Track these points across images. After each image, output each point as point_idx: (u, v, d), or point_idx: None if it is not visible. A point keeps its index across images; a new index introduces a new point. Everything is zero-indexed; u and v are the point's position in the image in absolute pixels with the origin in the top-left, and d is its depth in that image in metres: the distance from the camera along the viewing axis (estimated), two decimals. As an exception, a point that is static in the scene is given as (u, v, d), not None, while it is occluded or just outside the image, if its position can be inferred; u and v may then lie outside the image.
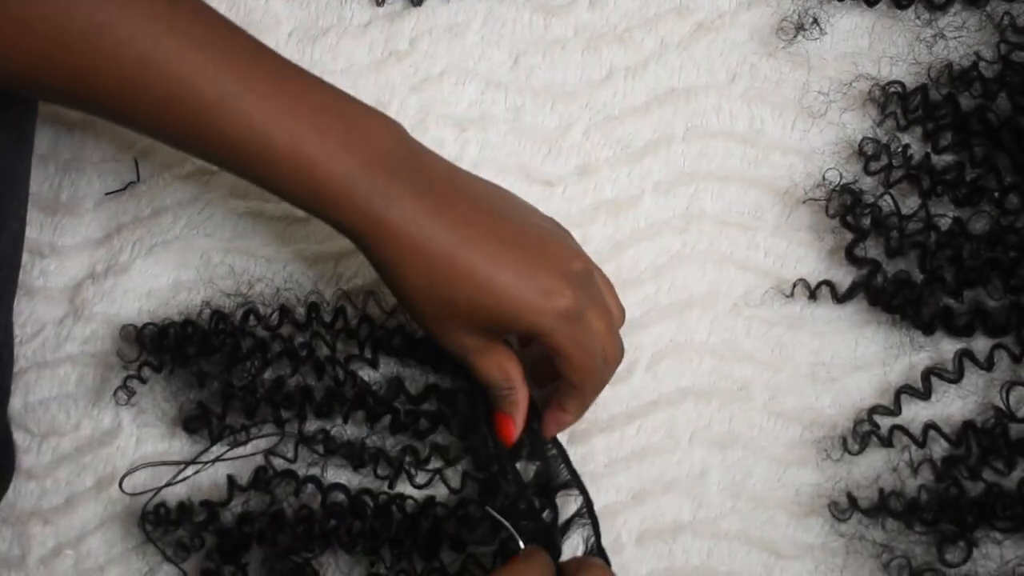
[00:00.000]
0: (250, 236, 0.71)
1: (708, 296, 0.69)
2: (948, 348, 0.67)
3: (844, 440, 0.67)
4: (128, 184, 0.71)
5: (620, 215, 0.70)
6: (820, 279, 0.68)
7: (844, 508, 0.67)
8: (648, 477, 0.68)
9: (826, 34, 0.70)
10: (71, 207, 0.71)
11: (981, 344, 0.67)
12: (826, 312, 0.69)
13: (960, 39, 0.69)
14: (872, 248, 0.68)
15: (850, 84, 0.70)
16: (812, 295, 0.68)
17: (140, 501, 0.68)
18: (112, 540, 0.69)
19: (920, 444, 0.66)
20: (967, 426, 0.66)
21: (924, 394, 0.67)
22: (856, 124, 0.70)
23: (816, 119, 0.70)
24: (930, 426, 0.66)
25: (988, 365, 0.66)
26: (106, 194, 0.71)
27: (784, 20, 0.71)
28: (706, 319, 0.69)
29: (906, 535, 0.66)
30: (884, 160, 0.68)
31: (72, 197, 0.71)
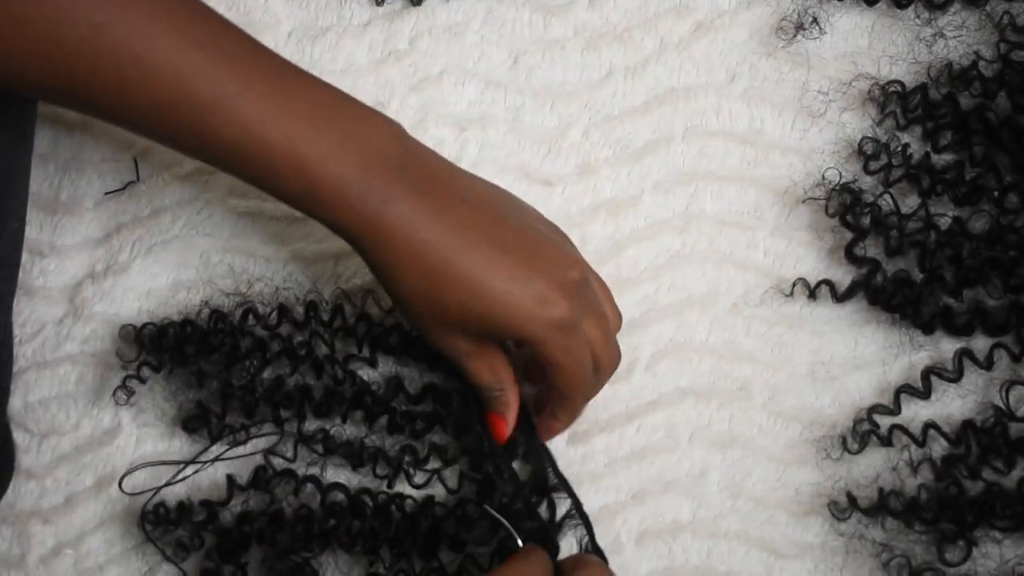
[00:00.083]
0: (249, 235, 0.71)
1: (708, 296, 0.69)
2: (948, 347, 0.67)
3: (844, 439, 0.67)
4: (128, 184, 0.71)
5: (620, 215, 0.70)
6: (820, 278, 0.68)
7: (844, 507, 0.66)
8: (648, 477, 0.68)
9: (826, 33, 0.70)
10: (71, 207, 0.71)
11: (981, 343, 0.67)
12: (826, 311, 0.69)
13: (960, 38, 0.69)
14: (872, 247, 0.68)
15: (850, 83, 0.70)
16: (812, 294, 0.68)
17: (140, 501, 0.68)
18: (112, 540, 0.69)
19: (920, 443, 0.66)
20: (967, 425, 0.66)
21: (924, 393, 0.67)
22: (856, 123, 0.70)
23: (816, 118, 0.70)
24: (930, 425, 0.66)
25: (988, 364, 0.66)
26: (105, 194, 0.71)
27: (784, 19, 0.71)
28: (706, 319, 0.69)
29: (906, 534, 0.66)
30: (884, 159, 0.68)
31: (72, 197, 0.71)
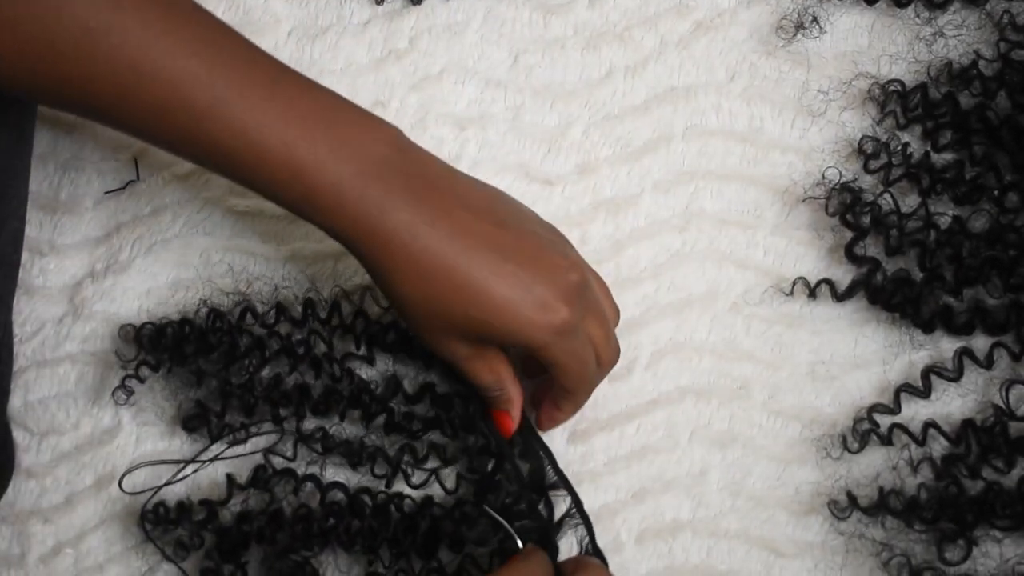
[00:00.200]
0: (249, 235, 0.71)
1: (708, 295, 0.69)
2: (948, 346, 0.67)
3: (844, 438, 0.67)
4: (128, 183, 0.71)
5: (620, 214, 0.70)
6: (820, 277, 0.68)
7: (844, 507, 0.66)
8: (648, 476, 0.68)
9: (826, 32, 0.70)
10: (71, 206, 0.71)
11: (981, 342, 0.67)
12: (826, 310, 0.69)
13: (960, 37, 0.69)
14: (872, 246, 0.68)
15: (850, 82, 0.70)
16: (812, 293, 0.68)
17: (140, 500, 0.68)
18: (112, 539, 0.69)
19: (920, 442, 0.66)
20: (967, 424, 0.66)
21: (924, 392, 0.67)
22: (856, 122, 0.70)
23: (816, 117, 0.70)
24: (930, 424, 0.66)
25: (988, 363, 0.66)
26: (105, 193, 0.71)
27: (784, 18, 0.71)
28: (706, 318, 0.69)
29: (906, 533, 0.66)
30: (884, 158, 0.68)
31: (72, 196, 0.71)
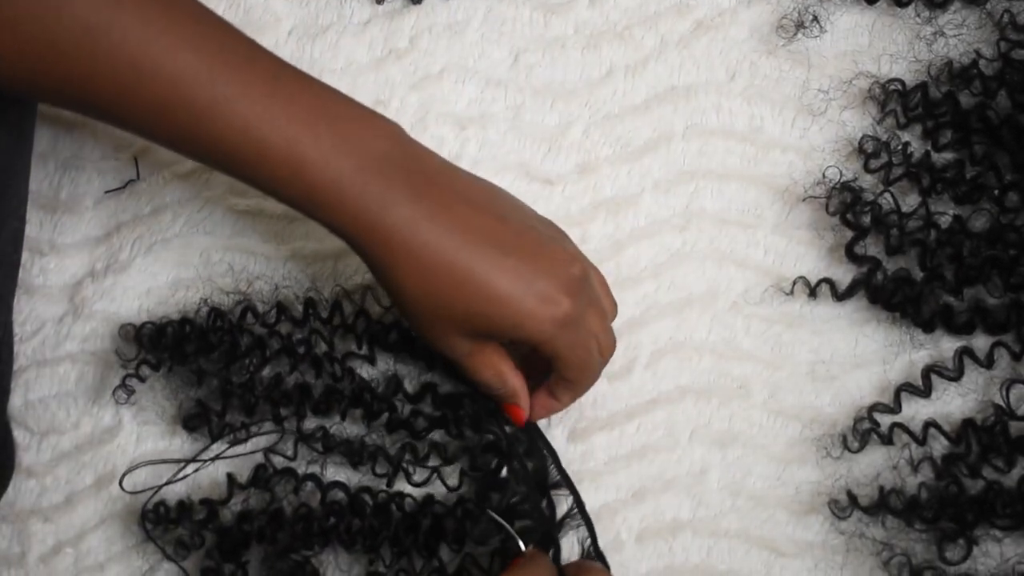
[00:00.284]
0: (249, 234, 0.71)
1: (708, 294, 0.69)
2: (948, 346, 0.67)
3: (844, 438, 0.67)
4: (128, 182, 0.71)
5: (620, 213, 0.70)
6: (820, 277, 0.68)
7: (844, 506, 0.66)
8: (648, 475, 0.68)
9: (826, 32, 0.70)
10: (71, 205, 0.71)
11: (981, 342, 0.67)
12: (826, 310, 0.69)
13: (960, 37, 0.69)
14: (872, 246, 0.68)
15: (850, 82, 0.70)
16: (812, 293, 0.68)
17: (140, 499, 0.68)
18: (112, 538, 0.69)
19: (920, 442, 0.66)
20: (967, 424, 0.66)
21: (924, 392, 0.67)
22: (856, 122, 0.70)
23: (816, 117, 0.70)
24: (930, 424, 0.66)
25: (988, 363, 0.66)
26: (106, 192, 0.71)
27: (784, 18, 0.71)
28: (706, 317, 0.69)
29: (906, 533, 0.66)
30: (884, 158, 0.68)
31: (72, 195, 0.71)
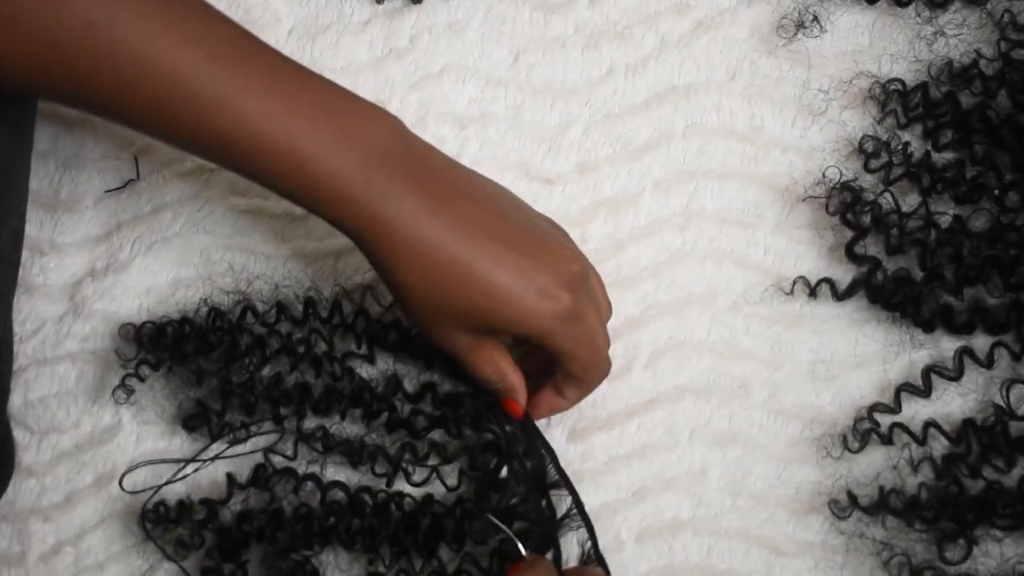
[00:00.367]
0: (250, 233, 0.71)
1: (707, 294, 0.69)
2: (948, 346, 0.67)
3: (844, 438, 0.67)
4: (128, 181, 0.71)
5: (620, 213, 0.70)
6: (820, 277, 0.68)
7: (844, 506, 0.66)
8: (648, 475, 0.68)
9: (826, 32, 0.70)
10: (71, 204, 0.71)
11: (981, 342, 0.67)
12: (826, 310, 0.69)
13: (960, 36, 0.69)
14: (872, 246, 0.68)
15: (850, 82, 0.70)
16: (812, 293, 0.68)
17: (140, 499, 0.68)
18: (112, 537, 0.69)
19: (920, 442, 0.66)
20: (967, 424, 0.66)
21: (924, 392, 0.67)
22: (856, 122, 0.70)
23: (816, 117, 0.70)
24: (930, 424, 0.66)
25: (988, 363, 0.66)
26: (106, 191, 0.71)
27: (784, 18, 0.71)
28: (705, 317, 0.69)
29: (906, 533, 0.66)
30: (884, 158, 0.68)
31: (72, 194, 0.71)
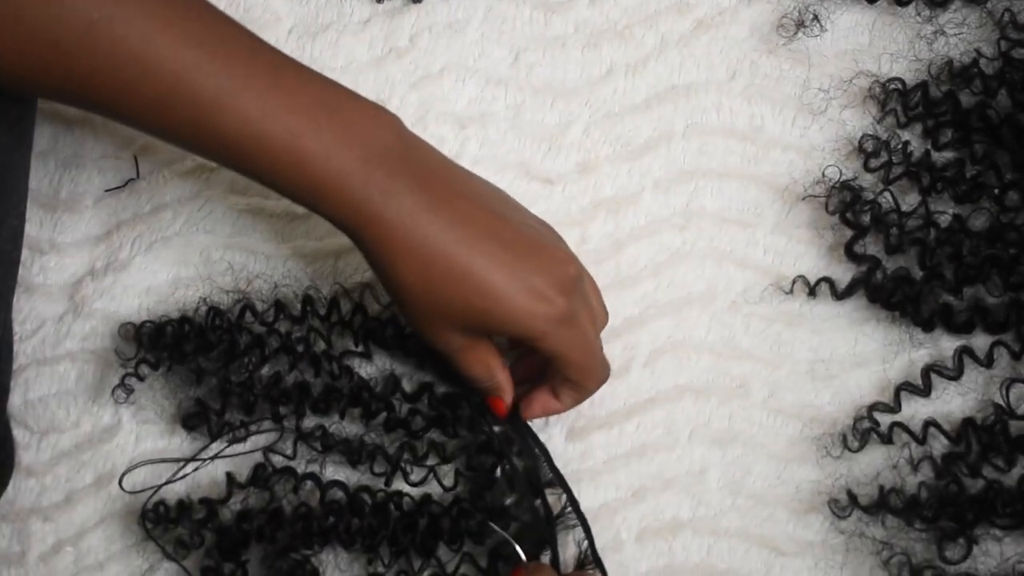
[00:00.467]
0: (250, 233, 0.71)
1: (707, 293, 0.69)
2: (948, 345, 0.67)
3: (844, 437, 0.67)
4: (128, 181, 0.71)
5: (620, 212, 0.70)
6: (819, 276, 0.68)
7: (844, 505, 0.66)
8: (647, 474, 0.68)
9: (826, 31, 0.70)
10: (71, 204, 0.71)
11: (981, 341, 0.67)
12: (825, 309, 0.69)
13: (960, 36, 0.69)
14: (872, 245, 0.68)
15: (850, 81, 0.70)
16: (811, 292, 0.68)
17: (140, 498, 0.68)
18: (112, 537, 0.69)
19: (920, 441, 0.66)
20: (967, 423, 0.66)
21: (924, 391, 0.67)
22: (856, 121, 0.70)
23: (816, 116, 0.70)
24: (930, 423, 0.66)
25: (988, 362, 0.66)
26: (106, 191, 0.71)
27: (784, 17, 0.70)
28: (705, 316, 0.69)
29: (906, 532, 0.66)
30: (884, 157, 0.68)
31: (72, 194, 0.71)
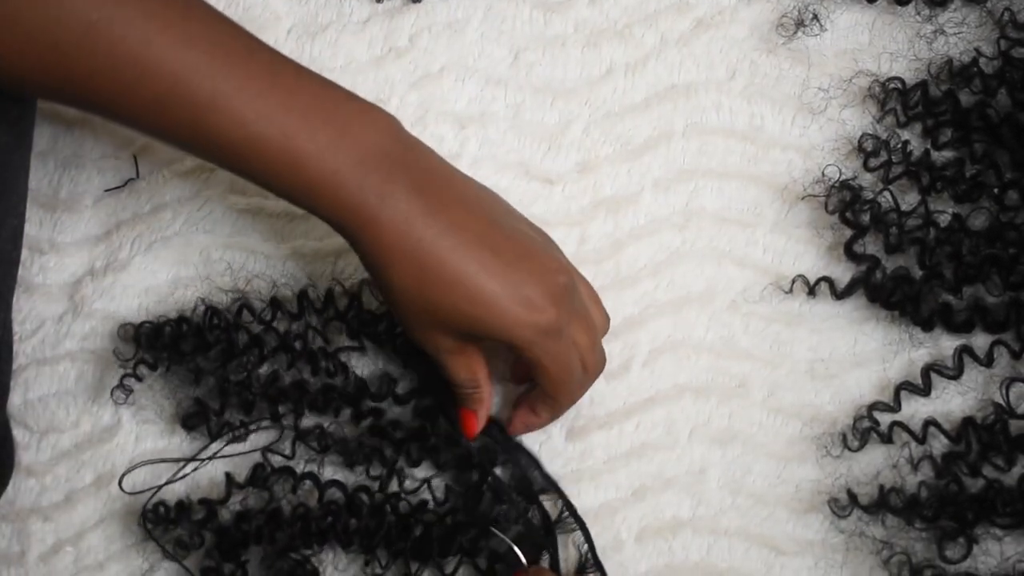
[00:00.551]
0: (249, 232, 0.71)
1: (707, 293, 0.69)
2: (947, 344, 0.67)
3: (844, 436, 0.67)
4: (127, 181, 0.71)
5: (620, 212, 0.70)
6: (819, 275, 0.68)
7: (844, 505, 0.66)
8: (647, 474, 0.68)
9: (826, 30, 0.70)
10: (70, 204, 0.71)
11: (980, 340, 0.67)
12: (825, 308, 0.69)
13: (960, 35, 0.69)
14: (871, 244, 0.68)
15: (850, 80, 0.70)
16: (811, 291, 0.68)
17: (140, 498, 0.68)
18: (112, 537, 0.69)
19: (920, 440, 0.66)
20: (967, 422, 0.66)
21: (924, 390, 0.67)
22: (856, 120, 0.70)
23: (816, 115, 0.70)
24: (930, 422, 0.66)
25: (988, 361, 0.66)
26: (105, 191, 0.71)
27: (784, 16, 0.70)
28: (704, 316, 0.69)
29: (906, 531, 0.66)
30: (884, 156, 0.68)
31: (71, 194, 0.71)
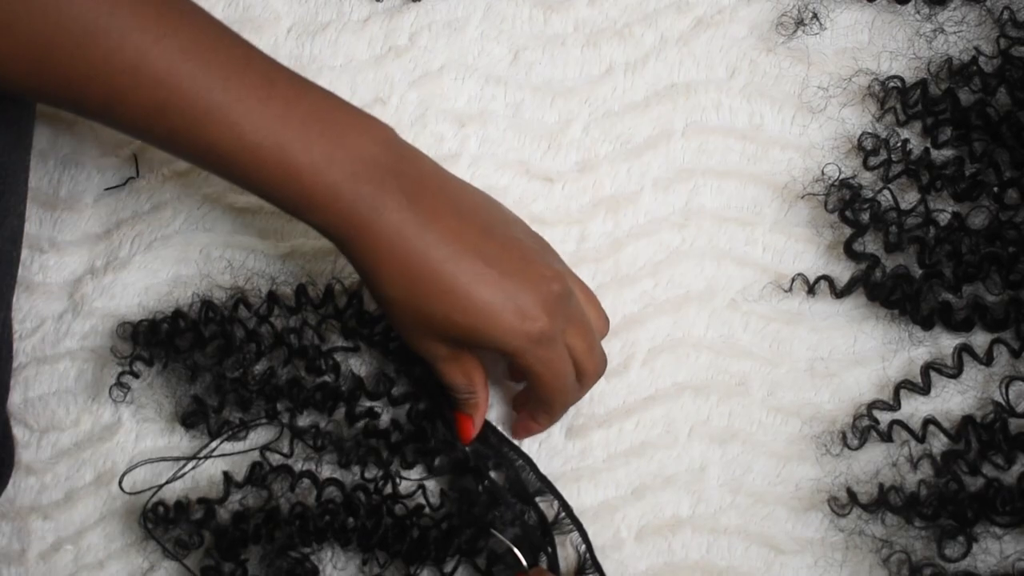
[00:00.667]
0: (249, 231, 0.71)
1: (706, 291, 0.69)
2: (947, 343, 0.67)
3: (843, 435, 0.67)
4: (127, 180, 0.71)
5: (619, 211, 0.70)
6: (819, 274, 0.68)
7: (844, 503, 0.66)
8: (647, 472, 0.68)
9: (826, 29, 0.70)
10: (70, 203, 0.71)
11: (980, 339, 0.67)
12: (825, 307, 0.69)
13: (960, 34, 0.69)
14: (871, 243, 0.68)
15: (850, 79, 0.70)
16: (811, 290, 0.68)
17: (140, 497, 0.68)
18: (112, 535, 0.69)
19: (919, 439, 0.66)
20: (966, 421, 0.66)
21: (923, 389, 0.67)
22: (855, 119, 0.70)
23: (815, 114, 0.70)
24: (929, 421, 0.66)
25: (987, 360, 0.66)
26: (105, 189, 0.71)
27: (784, 15, 0.70)
28: (704, 314, 0.69)
29: (906, 530, 0.66)
30: (883, 155, 0.68)
31: (71, 193, 0.71)
